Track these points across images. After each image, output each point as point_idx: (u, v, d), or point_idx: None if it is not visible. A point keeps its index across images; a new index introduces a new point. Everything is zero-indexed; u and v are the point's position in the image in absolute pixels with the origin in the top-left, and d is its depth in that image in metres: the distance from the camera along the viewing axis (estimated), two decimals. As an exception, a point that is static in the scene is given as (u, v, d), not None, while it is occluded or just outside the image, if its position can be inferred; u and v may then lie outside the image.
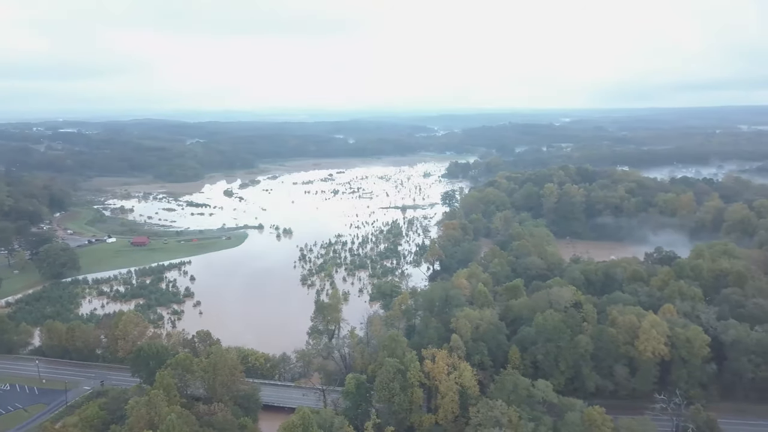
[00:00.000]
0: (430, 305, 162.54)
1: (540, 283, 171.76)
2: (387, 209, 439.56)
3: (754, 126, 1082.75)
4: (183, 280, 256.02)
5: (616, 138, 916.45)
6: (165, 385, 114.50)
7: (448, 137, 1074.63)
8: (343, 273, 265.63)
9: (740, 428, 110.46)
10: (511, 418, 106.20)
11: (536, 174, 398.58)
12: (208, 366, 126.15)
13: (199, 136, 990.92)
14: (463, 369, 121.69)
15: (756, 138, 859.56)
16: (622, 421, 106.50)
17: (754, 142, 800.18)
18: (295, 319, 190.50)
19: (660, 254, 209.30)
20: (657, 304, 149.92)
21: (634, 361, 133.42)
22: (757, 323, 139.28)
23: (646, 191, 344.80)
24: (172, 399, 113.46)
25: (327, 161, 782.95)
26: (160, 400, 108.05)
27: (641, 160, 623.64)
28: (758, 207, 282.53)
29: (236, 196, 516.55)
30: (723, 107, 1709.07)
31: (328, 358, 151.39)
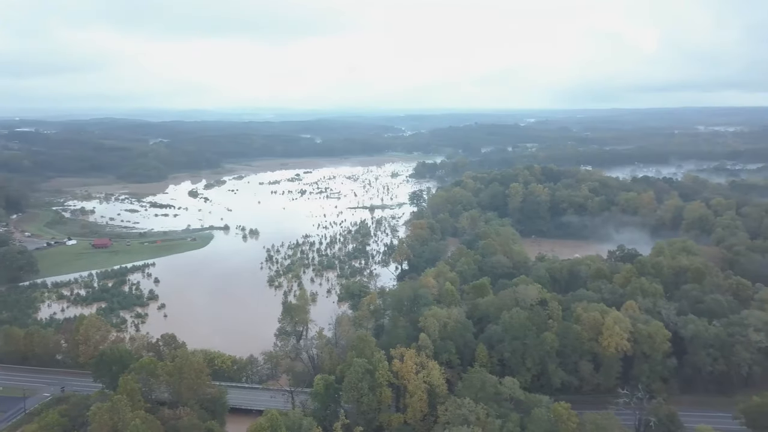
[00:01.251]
0: (398, 305, 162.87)
1: (506, 282, 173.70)
2: (355, 209, 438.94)
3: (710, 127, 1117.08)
4: (147, 282, 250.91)
5: (579, 138, 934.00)
6: (129, 390, 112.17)
7: (416, 137, 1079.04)
8: (311, 274, 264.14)
9: (700, 420, 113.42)
10: (479, 416, 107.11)
11: (502, 174, 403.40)
12: (173, 370, 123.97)
13: (163, 136, 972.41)
14: (431, 368, 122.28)
15: (712, 138, 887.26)
16: (587, 415, 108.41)
17: (711, 142, 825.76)
18: (262, 321, 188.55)
19: (622, 252, 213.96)
20: (620, 300, 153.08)
21: (598, 356, 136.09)
22: (715, 318, 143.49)
23: (609, 190, 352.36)
24: (136, 404, 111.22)
25: (294, 161, 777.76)
26: (124, 405, 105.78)
27: (604, 159, 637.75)
28: (715, 205, 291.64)
29: (201, 197, 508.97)
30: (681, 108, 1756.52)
31: (296, 360, 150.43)
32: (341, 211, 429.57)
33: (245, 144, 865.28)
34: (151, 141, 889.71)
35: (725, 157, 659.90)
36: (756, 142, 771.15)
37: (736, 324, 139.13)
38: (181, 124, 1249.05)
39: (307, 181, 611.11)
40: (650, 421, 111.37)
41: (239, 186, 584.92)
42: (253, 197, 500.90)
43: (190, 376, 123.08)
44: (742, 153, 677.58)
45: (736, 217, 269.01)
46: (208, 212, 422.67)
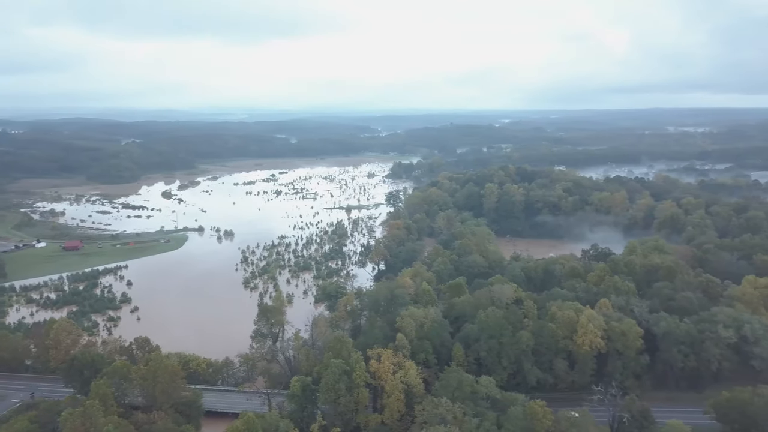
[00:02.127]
0: (375, 305, 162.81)
1: (482, 281, 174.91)
2: (331, 210, 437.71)
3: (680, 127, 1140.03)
4: (119, 285, 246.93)
5: (553, 139, 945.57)
6: (101, 394, 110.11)
7: (392, 138, 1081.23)
8: (287, 275, 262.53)
9: (672, 415, 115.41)
10: (456, 415, 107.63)
11: (477, 174, 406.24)
12: (147, 373, 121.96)
13: (136, 136, 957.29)
14: (408, 368, 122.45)
15: (682, 139, 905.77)
16: (562, 413, 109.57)
17: (681, 142, 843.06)
18: (238, 323, 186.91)
19: (596, 251, 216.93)
20: (594, 299, 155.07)
21: (573, 354, 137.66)
22: (686, 315, 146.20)
23: (583, 190, 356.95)
24: (109, 409, 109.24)
25: (269, 161, 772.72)
26: (96, 410, 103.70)
27: (577, 160, 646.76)
28: (685, 204, 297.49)
29: (175, 198, 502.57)
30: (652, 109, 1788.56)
31: (272, 362, 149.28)
32: (317, 211, 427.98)
33: (219, 144, 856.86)
34: (123, 141, 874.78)
35: (695, 157, 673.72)
36: (724, 143, 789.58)
37: (706, 321, 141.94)
38: (153, 124, 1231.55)
39: (283, 182, 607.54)
40: (624, 417, 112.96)
41: (214, 187, 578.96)
42: (228, 198, 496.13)
43: (165, 379, 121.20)
44: (710, 153, 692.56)
45: (705, 216, 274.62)
46: (182, 213, 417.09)
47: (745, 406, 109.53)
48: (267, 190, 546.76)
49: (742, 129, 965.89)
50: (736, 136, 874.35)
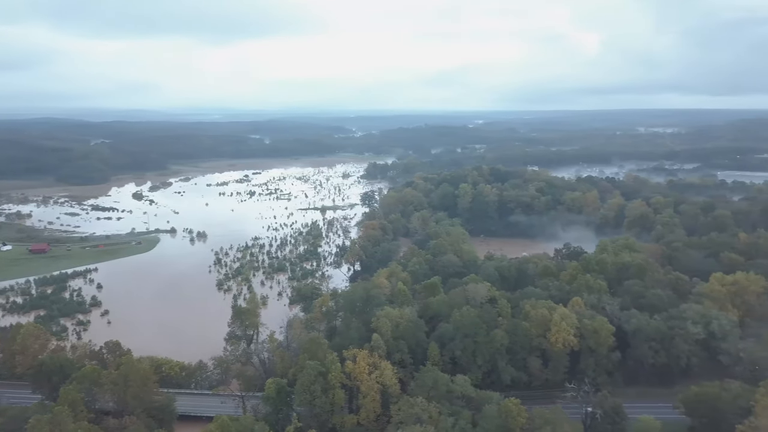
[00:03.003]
0: (351, 306, 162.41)
1: (457, 281, 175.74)
2: (306, 210, 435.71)
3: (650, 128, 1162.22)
4: (89, 288, 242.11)
5: (526, 139, 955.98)
6: (70, 400, 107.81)
7: (366, 138, 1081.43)
8: (261, 276, 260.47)
9: (643, 411, 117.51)
10: (432, 414, 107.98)
11: (452, 175, 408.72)
12: (118, 378, 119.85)
13: (105, 137, 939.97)
14: (383, 368, 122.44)
15: (652, 139, 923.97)
16: (536, 410, 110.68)
17: (651, 143, 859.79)
18: (211, 326, 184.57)
19: (568, 250, 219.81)
20: (566, 297, 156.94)
21: (547, 352, 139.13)
22: (656, 312, 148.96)
23: (555, 190, 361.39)
24: (79, 415, 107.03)
25: (243, 162, 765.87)
26: (66, 416, 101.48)
27: (550, 160, 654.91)
28: (655, 204, 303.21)
29: (146, 199, 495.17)
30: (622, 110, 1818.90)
31: (247, 364, 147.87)
32: (292, 212, 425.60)
33: (192, 145, 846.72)
34: (92, 142, 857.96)
35: (664, 157, 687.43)
36: (692, 143, 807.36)
37: (675, 317, 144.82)
38: (124, 125, 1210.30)
39: (257, 182, 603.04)
40: (596, 413, 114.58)
41: (186, 188, 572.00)
42: (201, 199, 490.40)
43: (136, 384, 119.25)
44: (679, 153, 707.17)
45: (674, 214, 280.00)
46: (154, 215, 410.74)
47: (713, 400, 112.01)
48: (240, 190, 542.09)
49: (709, 130, 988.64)
50: (703, 136, 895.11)
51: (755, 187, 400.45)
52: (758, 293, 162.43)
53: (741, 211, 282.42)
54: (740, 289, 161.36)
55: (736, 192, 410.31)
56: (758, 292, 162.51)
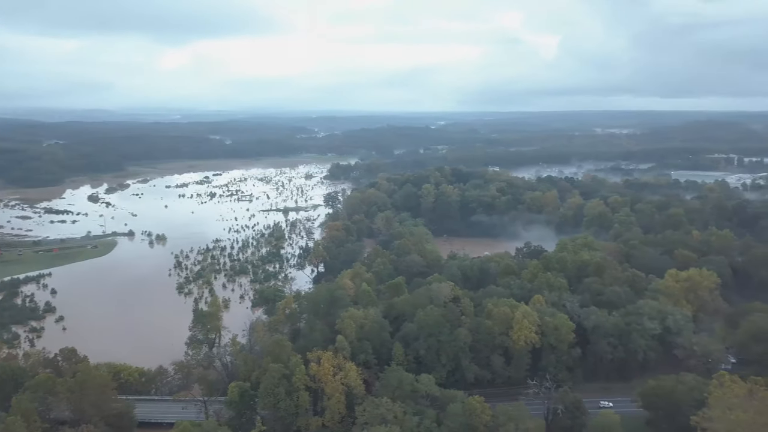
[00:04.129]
0: (315, 308, 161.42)
1: (420, 280, 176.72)
2: (268, 212, 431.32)
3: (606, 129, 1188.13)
4: (42, 294, 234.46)
5: (487, 140, 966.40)
6: (23, 410, 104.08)
7: (329, 139, 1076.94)
8: (222, 279, 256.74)
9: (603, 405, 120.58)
10: (397, 414, 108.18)
11: (415, 175, 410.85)
12: (74, 386, 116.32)
13: (59, 137, 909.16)
14: (348, 369, 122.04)
15: (608, 140, 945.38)
16: (500, 407, 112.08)
17: (608, 143, 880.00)
18: (172, 330, 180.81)
19: (529, 249, 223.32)
20: (528, 295, 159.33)
21: (509, 350, 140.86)
22: (614, 309, 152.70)
23: (516, 190, 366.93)
24: (33, 425, 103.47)
25: (203, 163, 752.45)
26: (18, 426, 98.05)
27: (510, 160, 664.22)
28: (612, 203, 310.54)
29: (103, 202, 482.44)
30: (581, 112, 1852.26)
31: (209, 368, 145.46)
32: (253, 214, 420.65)
33: (150, 145, 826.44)
34: (45, 143, 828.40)
35: (620, 157, 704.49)
36: (647, 144, 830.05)
37: (632, 313, 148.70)
38: (79, 125, 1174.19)
39: (217, 184, 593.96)
40: (558, 408, 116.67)
41: (144, 189, 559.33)
42: (160, 201, 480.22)
43: (93, 391, 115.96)
44: (634, 154, 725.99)
45: (630, 213, 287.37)
46: (111, 218, 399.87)
47: (669, 393, 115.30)
48: (201, 192, 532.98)
49: (662, 131, 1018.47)
50: (657, 137, 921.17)
51: (706, 186, 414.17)
52: (710, 289, 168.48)
53: (693, 210, 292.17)
54: (693, 285, 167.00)
55: (688, 191, 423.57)
56: (710, 287, 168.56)
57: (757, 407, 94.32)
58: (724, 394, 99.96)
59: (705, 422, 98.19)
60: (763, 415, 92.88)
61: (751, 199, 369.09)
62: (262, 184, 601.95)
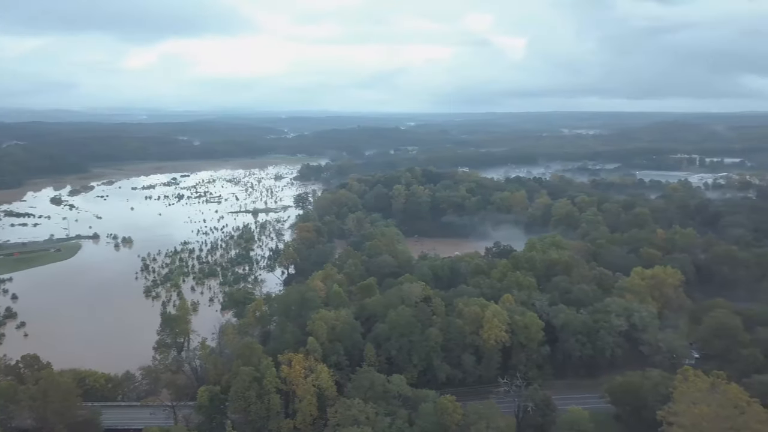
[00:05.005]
0: (285, 310, 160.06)
1: (392, 281, 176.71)
2: (237, 213, 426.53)
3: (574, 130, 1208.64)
4: (2, 299, 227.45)
5: (457, 141, 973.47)
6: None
7: (299, 139, 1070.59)
8: (191, 282, 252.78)
9: (571, 402, 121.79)
10: (369, 415, 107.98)
11: (385, 176, 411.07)
12: (36, 393, 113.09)
13: (19, 138, 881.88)
14: (320, 371, 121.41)
15: (576, 141, 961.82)
16: (471, 406, 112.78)
17: (575, 144, 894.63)
18: (139, 334, 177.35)
19: (499, 248, 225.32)
20: (498, 294, 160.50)
21: (480, 349, 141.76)
22: (582, 306, 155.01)
23: (485, 190, 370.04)
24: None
25: (170, 164, 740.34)
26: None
27: (480, 161, 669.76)
28: (579, 203, 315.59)
29: (66, 204, 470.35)
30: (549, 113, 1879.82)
31: (177, 373, 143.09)
32: (222, 215, 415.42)
33: (116, 146, 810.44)
34: (4, 143, 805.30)
35: (587, 157, 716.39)
36: (613, 144, 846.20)
37: (600, 311, 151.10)
38: (41, 125, 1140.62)
39: (185, 185, 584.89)
40: (528, 406, 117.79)
41: (110, 191, 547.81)
42: (126, 203, 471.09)
43: (57, 398, 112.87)
44: (601, 154, 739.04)
45: (597, 213, 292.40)
46: (75, 220, 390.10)
47: (635, 389, 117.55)
48: (168, 194, 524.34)
49: (628, 132, 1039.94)
50: (623, 138, 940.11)
51: (670, 186, 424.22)
52: (675, 286, 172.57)
53: (658, 209, 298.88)
54: (658, 283, 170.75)
55: (653, 190, 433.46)
56: (675, 284, 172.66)
57: (720, 401, 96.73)
58: (688, 389, 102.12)
59: (670, 416, 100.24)
60: (725, 408, 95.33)
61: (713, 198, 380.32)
62: (231, 185, 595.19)
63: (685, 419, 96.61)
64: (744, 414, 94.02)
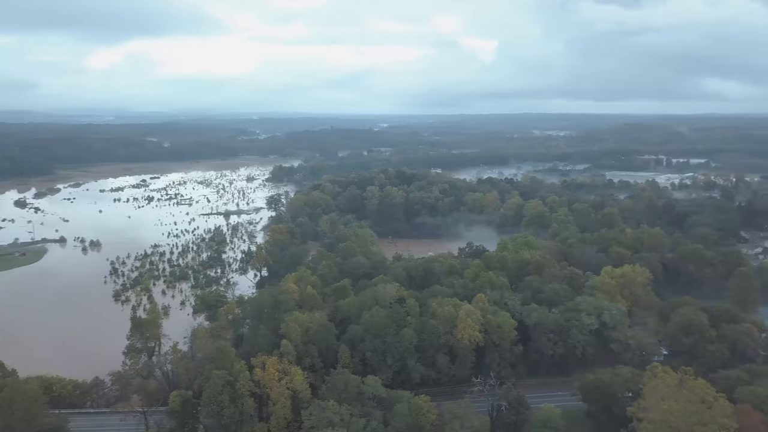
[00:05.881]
0: (258, 312, 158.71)
1: (366, 282, 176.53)
2: (208, 216, 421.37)
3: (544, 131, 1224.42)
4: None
5: (430, 142, 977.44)
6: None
7: (271, 140, 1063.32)
8: (162, 286, 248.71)
9: (544, 400, 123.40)
10: (343, 417, 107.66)
11: (359, 177, 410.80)
12: (1, 401, 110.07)
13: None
14: (294, 373, 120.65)
15: (546, 142, 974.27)
16: (445, 406, 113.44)
17: (545, 145, 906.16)
18: (108, 340, 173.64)
19: (471, 249, 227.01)
20: (471, 294, 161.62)
21: (454, 349, 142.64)
22: (554, 305, 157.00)
23: (458, 191, 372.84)
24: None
25: (139, 166, 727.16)
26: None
27: (452, 162, 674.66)
28: (550, 203, 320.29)
29: (31, 207, 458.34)
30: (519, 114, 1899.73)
31: (148, 378, 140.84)
32: (193, 218, 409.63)
33: (83, 148, 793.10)
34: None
35: (557, 158, 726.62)
36: (582, 146, 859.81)
37: (571, 310, 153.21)
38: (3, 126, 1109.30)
39: (155, 187, 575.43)
40: (502, 405, 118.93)
41: (77, 194, 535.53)
42: (94, 206, 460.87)
43: (23, 406, 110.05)
44: (571, 155, 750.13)
45: (568, 213, 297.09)
46: (40, 224, 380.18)
47: (606, 386, 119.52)
48: (138, 196, 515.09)
49: (597, 133, 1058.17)
50: (592, 139, 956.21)
51: (638, 186, 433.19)
52: (643, 284, 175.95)
53: (627, 209, 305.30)
54: (627, 281, 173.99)
55: (621, 190, 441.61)
56: (643, 283, 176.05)
57: (687, 396, 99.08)
58: (657, 385, 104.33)
59: (640, 412, 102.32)
60: (692, 403, 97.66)
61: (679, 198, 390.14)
62: (202, 187, 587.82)
63: (655, 415, 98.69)
64: (711, 408, 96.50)
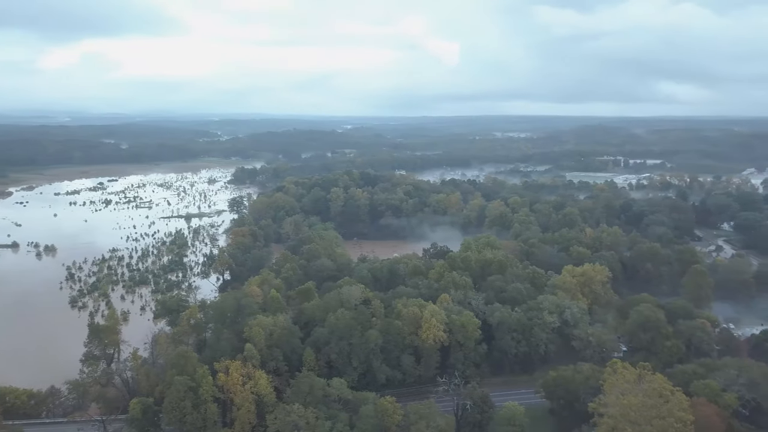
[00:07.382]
0: (221, 317, 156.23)
1: (331, 284, 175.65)
2: (169, 219, 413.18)
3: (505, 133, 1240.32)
4: None
5: (393, 144, 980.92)
6: None
7: (233, 142, 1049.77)
8: (121, 291, 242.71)
9: (508, 398, 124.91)
10: (309, 420, 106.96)
11: (323, 179, 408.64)
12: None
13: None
14: (258, 377, 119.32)
15: (507, 144, 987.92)
16: (411, 406, 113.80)
17: (507, 147, 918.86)
18: (65, 347, 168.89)
19: (435, 249, 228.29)
20: (435, 294, 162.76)
21: (419, 349, 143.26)
22: (517, 305, 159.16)
23: (422, 193, 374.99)
24: None
25: (96, 168, 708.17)
26: None
27: (416, 164, 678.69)
28: (512, 204, 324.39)
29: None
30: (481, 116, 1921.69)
31: (107, 386, 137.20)
32: (153, 221, 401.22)
33: (36, 150, 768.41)
34: None
35: (519, 160, 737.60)
36: (543, 147, 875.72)
37: (533, 309, 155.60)
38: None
39: (113, 190, 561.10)
40: (466, 404, 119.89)
41: (30, 197, 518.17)
42: (48, 209, 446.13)
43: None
44: (532, 156, 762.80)
45: (529, 213, 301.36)
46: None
47: (568, 382, 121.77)
48: (95, 199, 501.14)
49: (556, 135, 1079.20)
50: (552, 141, 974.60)
51: (597, 187, 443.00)
52: (603, 282, 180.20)
53: (586, 209, 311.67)
54: (588, 280, 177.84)
55: (581, 191, 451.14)
56: (603, 281, 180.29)
57: (646, 390, 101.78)
58: (617, 381, 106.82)
59: (601, 407, 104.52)
60: (651, 397, 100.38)
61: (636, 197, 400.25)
62: (163, 189, 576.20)
63: (615, 410, 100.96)
64: (668, 402, 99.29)
